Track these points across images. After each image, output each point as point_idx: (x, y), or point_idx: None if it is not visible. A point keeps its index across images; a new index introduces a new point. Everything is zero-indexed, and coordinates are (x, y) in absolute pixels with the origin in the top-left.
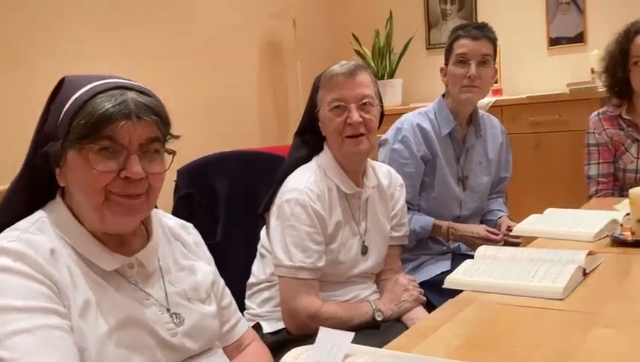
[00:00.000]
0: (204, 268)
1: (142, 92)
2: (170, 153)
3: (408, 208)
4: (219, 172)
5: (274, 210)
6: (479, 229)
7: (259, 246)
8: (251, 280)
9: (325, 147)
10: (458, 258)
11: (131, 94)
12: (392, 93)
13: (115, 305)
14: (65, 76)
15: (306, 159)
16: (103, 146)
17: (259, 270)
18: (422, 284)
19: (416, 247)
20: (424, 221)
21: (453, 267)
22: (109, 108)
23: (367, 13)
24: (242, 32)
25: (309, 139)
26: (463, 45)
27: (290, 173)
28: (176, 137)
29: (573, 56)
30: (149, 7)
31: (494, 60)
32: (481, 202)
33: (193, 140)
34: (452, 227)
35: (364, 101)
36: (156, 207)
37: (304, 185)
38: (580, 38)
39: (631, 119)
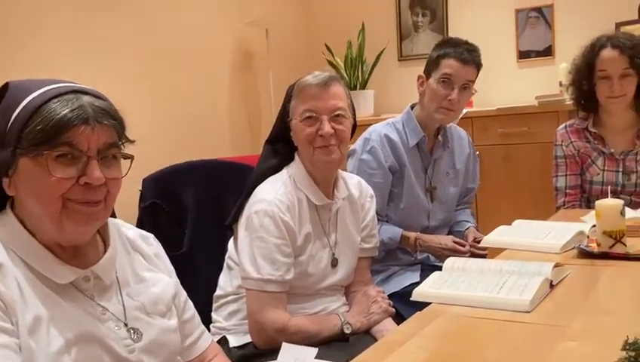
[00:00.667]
0: (165, 280)
1: (96, 96)
2: (127, 158)
3: (377, 219)
4: (186, 181)
5: (242, 221)
6: (447, 240)
7: (226, 257)
8: (218, 292)
9: (296, 157)
10: (427, 269)
11: (87, 98)
12: (364, 103)
13: (69, 321)
14: (8, 81)
15: (276, 169)
16: (62, 153)
17: (226, 282)
18: (391, 296)
19: (385, 258)
20: (392, 232)
21: (423, 278)
22: (66, 113)
23: (340, 24)
24: (214, 40)
25: (280, 149)
26: (451, 66)
27: (259, 184)
28: (132, 141)
29: (541, 70)
30: (120, 12)
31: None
32: (448, 213)
33: (162, 149)
34: (420, 238)
35: (336, 113)
36: (115, 217)
37: (274, 196)
38: (548, 52)
39: (597, 132)
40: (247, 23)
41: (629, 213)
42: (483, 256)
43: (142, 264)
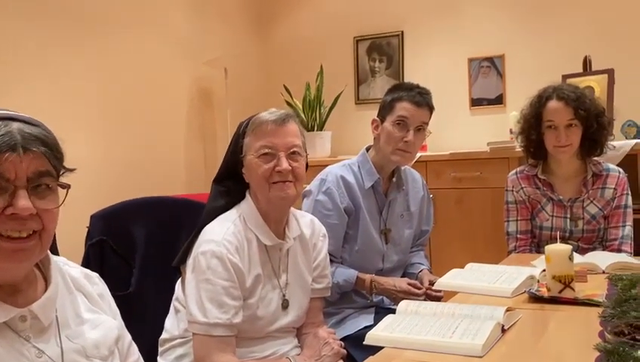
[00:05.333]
0: (108, 322)
1: (29, 123)
2: (64, 187)
3: (331, 261)
4: (136, 218)
5: (190, 262)
6: (401, 283)
7: (173, 299)
8: (164, 335)
9: (247, 196)
10: (382, 312)
11: (17, 125)
12: (322, 144)
13: None
14: None
15: (225, 209)
16: None
17: (172, 325)
18: (345, 339)
19: (339, 301)
20: (348, 274)
21: (377, 321)
22: None
23: (299, 66)
24: (172, 77)
25: (230, 188)
26: (405, 109)
27: (207, 224)
28: (71, 170)
29: (493, 117)
30: (77, 46)
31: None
32: (403, 255)
33: (115, 185)
34: (375, 280)
35: (292, 150)
36: (58, 254)
37: (222, 236)
38: (499, 100)
39: (546, 179)
40: (207, 62)
41: (577, 258)
42: (439, 299)
43: (84, 305)
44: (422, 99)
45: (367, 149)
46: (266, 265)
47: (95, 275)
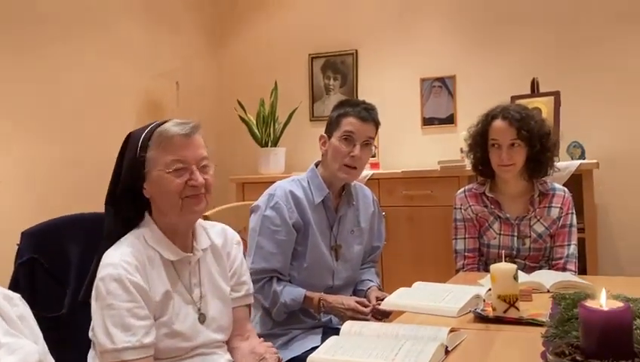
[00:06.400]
0: (28, 346)
1: None
2: None
3: (279, 279)
4: (71, 235)
5: (93, 292)
6: (349, 301)
7: (89, 333)
8: None
9: (147, 216)
10: (330, 332)
11: None
12: (275, 160)
13: None
14: None
15: (123, 234)
16: None
17: (93, 358)
18: (292, 361)
19: (286, 321)
20: (296, 293)
21: (324, 341)
22: None
23: (253, 81)
24: (121, 89)
25: (124, 211)
26: (351, 124)
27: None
28: None
29: (444, 136)
30: (18, 55)
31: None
32: (353, 272)
33: (52, 201)
34: (324, 299)
35: (203, 163)
36: None
37: (119, 258)
38: (450, 120)
39: (493, 197)
40: (158, 74)
41: (523, 277)
42: (387, 316)
43: (2, 328)
44: (367, 114)
45: (317, 165)
46: (175, 281)
47: (16, 296)
